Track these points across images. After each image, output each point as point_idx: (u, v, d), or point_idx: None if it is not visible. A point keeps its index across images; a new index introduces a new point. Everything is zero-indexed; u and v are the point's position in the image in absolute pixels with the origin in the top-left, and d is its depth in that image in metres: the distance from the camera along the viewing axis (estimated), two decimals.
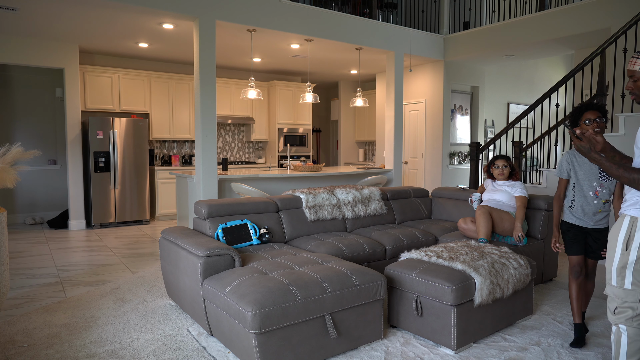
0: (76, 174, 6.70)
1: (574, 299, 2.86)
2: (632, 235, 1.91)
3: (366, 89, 10.21)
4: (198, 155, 5.34)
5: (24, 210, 7.23)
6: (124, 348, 2.73)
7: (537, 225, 3.97)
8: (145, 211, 7.17)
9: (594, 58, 4.78)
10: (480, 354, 2.68)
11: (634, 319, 1.94)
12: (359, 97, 6.77)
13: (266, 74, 9.08)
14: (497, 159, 4.01)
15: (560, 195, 2.92)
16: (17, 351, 2.69)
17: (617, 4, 5.39)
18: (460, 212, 4.62)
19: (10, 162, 2.93)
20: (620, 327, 1.97)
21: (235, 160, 8.93)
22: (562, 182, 2.90)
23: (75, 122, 6.64)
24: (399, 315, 2.95)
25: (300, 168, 6.16)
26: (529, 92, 9.48)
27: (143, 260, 4.90)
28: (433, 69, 7.76)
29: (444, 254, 2.99)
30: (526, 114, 5.28)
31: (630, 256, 1.91)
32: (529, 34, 6.32)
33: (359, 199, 4.36)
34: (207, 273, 2.75)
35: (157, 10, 4.86)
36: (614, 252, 1.97)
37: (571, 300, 2.88)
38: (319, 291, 2.49)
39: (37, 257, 5.01)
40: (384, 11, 8.18)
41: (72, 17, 5.25)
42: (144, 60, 7.78)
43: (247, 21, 5.40)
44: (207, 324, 2.81)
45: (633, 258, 1.90)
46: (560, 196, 2.92)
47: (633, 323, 1.94)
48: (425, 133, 7.97)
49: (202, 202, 3.63)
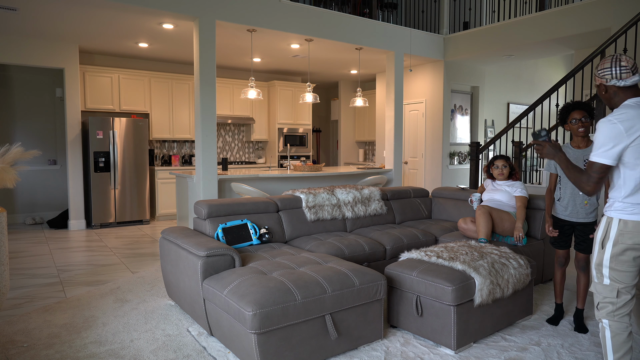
0: (76, 174, 6.70)
1: (558, 283, 3.23)
2: (608, 234, 2.04)
3: (366, 89, 10.21)
4: (198, 155, 5.34)
5: (24, 210, 7.23)
6: (124, 348, 2.74)
7: (537, 225, 3.96)
8: (145, 211, 7.17)
9: (594, 58, 4.78)
10: (480, 354, 2.68)
11: (615, 313, 2.03)
12: (359, 97, 6.77)
13: (266, 74, 9.08)
14: (497, 159, 4.01)
15: (551, 189, 3.18)
16: (17, 351, 2.69)
17: (617, 4, 5.39)
18: (460, 212, 4.62)
19: (10, 162, 2.93)
20: (604, 321, 2.06)
21: (235, 160, 8.93)
22: (552, 177, 3.18)
23: (75, 122, 6.64)
24: (399, 315, 2.95)
25: (300, 168, 6.16)
26: (529, 92, 9.48)
27: (143, 260, 4.90)
28: (433, 69, 7.77)
29: (444, 254, 2.99)
30: (526, 114, 5.28)
31: (605, 254, 2.04)
32: (529, 34, 6.32)
33: (359, 199, 4.36)
34: (207, 273, 2.75)
35: (157, 10, 4.86)
36: (594, 250, 2.11)
37: (555, 284, 3.26)
38: (319, 291, 2.49)
39: (37, 257, 5.02)
40: (384, 11, 8.18)
41: (72, 17, 5.25)
42: (144, 60, 7.78)
43: (247, 21, 5.40)
44: (207, 324, 2.81)
45: (608, 256, 2.03)
46: (551, 189, 3.18)
47: (614, 317, 2.03)
48: (425, 133, 7.98)
49: (202, 202, 3.63)
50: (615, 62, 2.06)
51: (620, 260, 2.01)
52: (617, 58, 2.07)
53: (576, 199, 3.02)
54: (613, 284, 2.03)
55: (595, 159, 2.00)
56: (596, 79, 2.15)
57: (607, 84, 2.10)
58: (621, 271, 2.02)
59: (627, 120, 1.94)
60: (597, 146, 2.01)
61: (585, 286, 3.10)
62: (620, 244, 2.00)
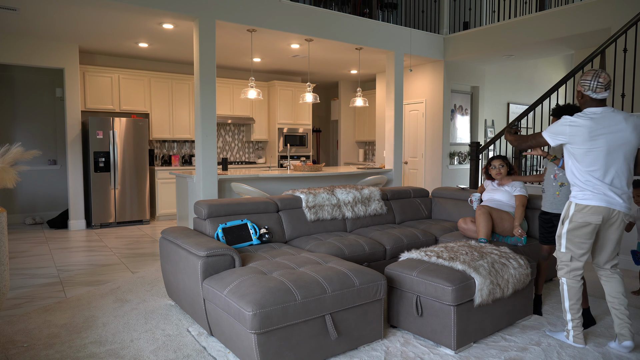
0: (76, 174, 6.70)
1: (541, 275, 3.40)
2: (567, 214, 2.73)
3: (366, 89, 10.21)
4: (198, 155, 5.34)
5: (24, 210, 7.23)
6: (124, 348, 2.74)
7: (537, 225, 3.96)
8: (145, 211, 7.17)
9: (594, 58, 4.78)
10: (480, 354, 2.68)
11: (570, 273, 2.77)
12: (359, 97, 6.77)
13: (266, 74, 9.08)
14: (494, 159, 4.02)
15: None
16: (17, 351, 2.69)
17: (617, 4, 5.39)
18: (460, 212, 4.62)
19: (10, 162, 2.93)
20: (562, 279, 2.81)
21: (235, 160, 8.93)
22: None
23: (75, 122, 6.64)
24: (399, 315, 2.95)
25: (300, 168, 6.16)
26: (529, 92, 9.48)
27: (143, 260, 4.90)
28: (433, 69, 7.76)
29: (444, 254, 2.99)
30: (526, 114, 5.28)
31: (563, 228, 2.75)
32: (529, 34, 6.32)
33: (359, 199, 4.36)
34: (207, 273, 2.75)
35: (157, 10, 4.86)
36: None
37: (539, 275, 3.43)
38: (319, 291, 2.49)
39: (37, 257, 5.02)
40: (384, 11, 8.18)
41: (72, 17, 5.25)
42: (144, 60, 7.78)
43: (247, 21, 5.40)
44: (207, 324, 2.81)
45: (564, 230, 2.74)
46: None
47: (569, 275, 2.78)
48: (425, 133, 7.98)
49: (202, 202, 3.63)
50: (595, 77, 2.60)
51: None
52: (598, 74, 2.60)
53: (549, 190, 3.25)
54: (566, 252, 2.76)
55: (543, 133, 2.77)
56: (578, 85, 2.70)
57: (584, 92, 2.67)
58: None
59: (576, 127, 2.62)
60: (549, 129, 2.74)
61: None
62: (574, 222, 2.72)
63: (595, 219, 2.63)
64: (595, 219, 2.63)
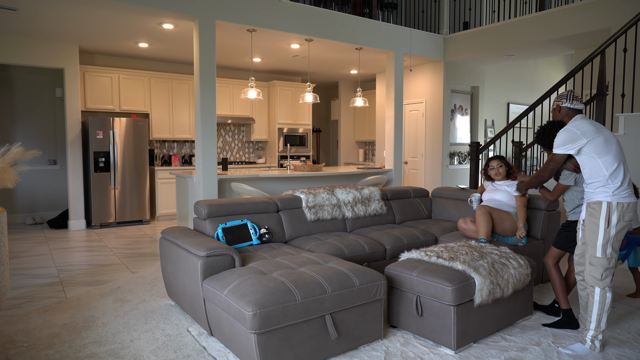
0: (76, 174, 6.70)
1: (560, 284, 3.18)
2: (608, 215, 2.60)
3: (366, 89, 10.21)
4: (198, 155, 5.34)
5: (24, 210, 7.23)
6: (124, 348, 2.74)
7: (537, 225, 3.96)
8: (145, 211, 7.17)
9: (594, 58, 4.78)
10: (480, 354, 2.68)
11: (611, 280, 2.64)
12: (359, 97, 6.76)
13: (266, 74, 9.08)
14: (492, 160, 4.02)
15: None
16: (17, 351, 2.69)
17: (617, 4, 5.39)
18: (460, 212, 4.62)
19: (10, 162, 2.93)
20: (605, 289, 2.62)
21: (235, 160, 8.93)
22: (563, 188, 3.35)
23: (75, 122, 6.64)
24: (399, 315, 2.95)
25: (300, 168, 6.16)
26: (529, 92, 9.48)
27: (143, 260, 4.90)
28: (433, 69, 7.76)
29: (444, 254, 2.99)
30: (526, 114, 5.28)
31: (611, 232, 2.60)
32: (529, 34, 6.32)
33: (359, 199, 4.36)
34: (207, 273, 2.75)
35: (157, 10, 4.86)
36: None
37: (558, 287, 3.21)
38: (319, 291, 2.49)
39: (37, 257, 5.02)
40: (384, 11, 8.18)
41: (72, 17, 5.25)
42: (144, 60, 7.78)
43: (247, 21, 5.40)
44: (207, 324, 2.81)
45: (612, 233, 2.59)
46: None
47: (611, 283, 2.63)
48: (425, 133, 7.98)
49: (202, 202, 3.63)
50: (569, 92, 2.84)
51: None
52: (573, 92, 2.84)
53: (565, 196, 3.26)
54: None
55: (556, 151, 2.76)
56: (554, 103, 2.92)
57: (561, 105, 2.86)
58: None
59: (582, 128, 2.67)
60: (557, 145, 2.74)
61: (573, 284, 3.30)
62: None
63: (635, 215, 2.66)
64: (635, 215, 2.66)
